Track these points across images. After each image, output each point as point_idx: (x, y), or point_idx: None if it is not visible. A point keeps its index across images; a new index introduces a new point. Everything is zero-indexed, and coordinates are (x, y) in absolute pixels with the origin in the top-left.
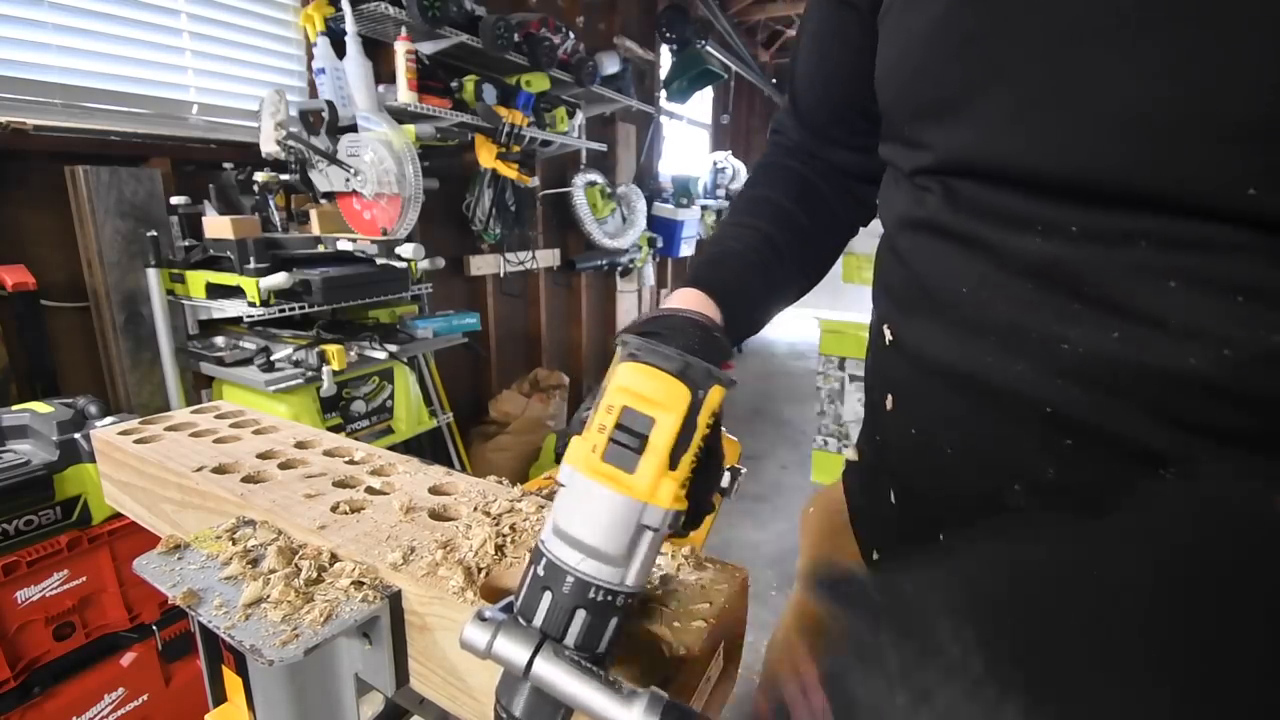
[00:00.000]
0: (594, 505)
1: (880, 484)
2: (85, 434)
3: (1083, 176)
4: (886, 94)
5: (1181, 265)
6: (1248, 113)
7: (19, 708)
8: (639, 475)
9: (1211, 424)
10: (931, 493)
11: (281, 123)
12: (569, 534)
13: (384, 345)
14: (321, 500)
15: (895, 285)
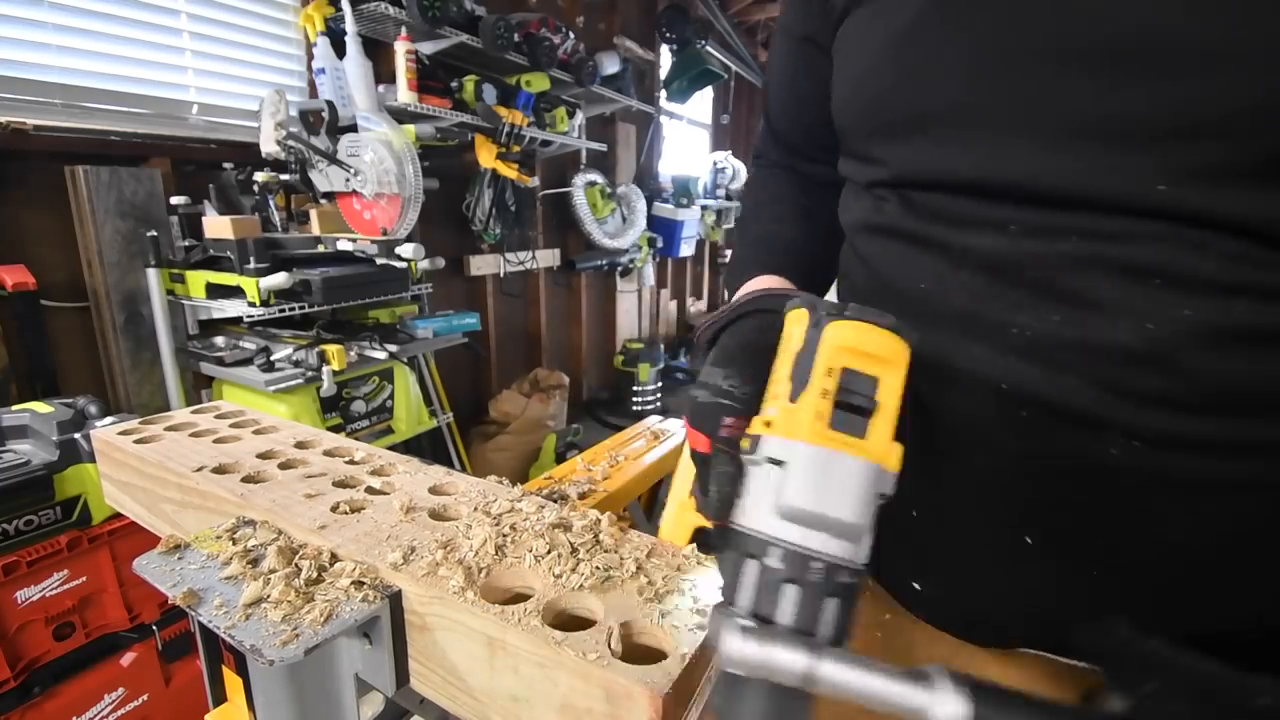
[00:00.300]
0: (837, 476)
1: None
2: (85, 434)
3: (1023, 183)
4: (844, 118)
5: (1108, 255)
6: (1155, 123)
7: (19, 708)
8: (873, 439)
9: (1139, 390)
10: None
11: (281, 123)
12: (810, 512)
13: (384, 345)
14: (322, 500)
15: (859, 285)
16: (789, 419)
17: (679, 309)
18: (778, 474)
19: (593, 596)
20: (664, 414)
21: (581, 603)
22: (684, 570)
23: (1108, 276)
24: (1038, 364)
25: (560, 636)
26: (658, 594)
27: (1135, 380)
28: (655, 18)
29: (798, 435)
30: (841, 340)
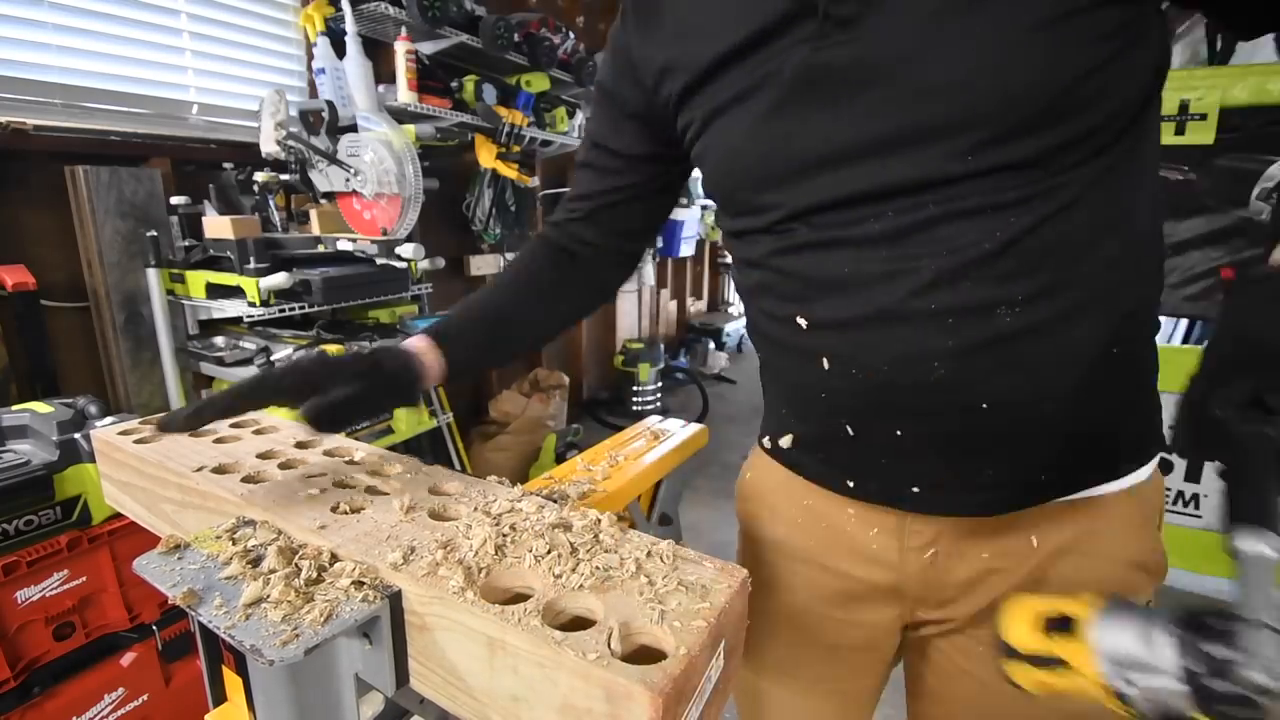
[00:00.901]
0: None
1: (835, 429)
2: (85, 434)
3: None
4: (730, 181)
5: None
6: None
7: (19, 708)
8: None
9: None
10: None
11: (281, 123)
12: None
13: None
14: (321, 500)
15: (791, 291)
16: None
17: (679, 309)
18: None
19: (593, 596)
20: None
21: (581, 603)
22: (683, 570)
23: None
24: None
25: (560, 636)
26: (658, 594)
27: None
28: None
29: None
30: None
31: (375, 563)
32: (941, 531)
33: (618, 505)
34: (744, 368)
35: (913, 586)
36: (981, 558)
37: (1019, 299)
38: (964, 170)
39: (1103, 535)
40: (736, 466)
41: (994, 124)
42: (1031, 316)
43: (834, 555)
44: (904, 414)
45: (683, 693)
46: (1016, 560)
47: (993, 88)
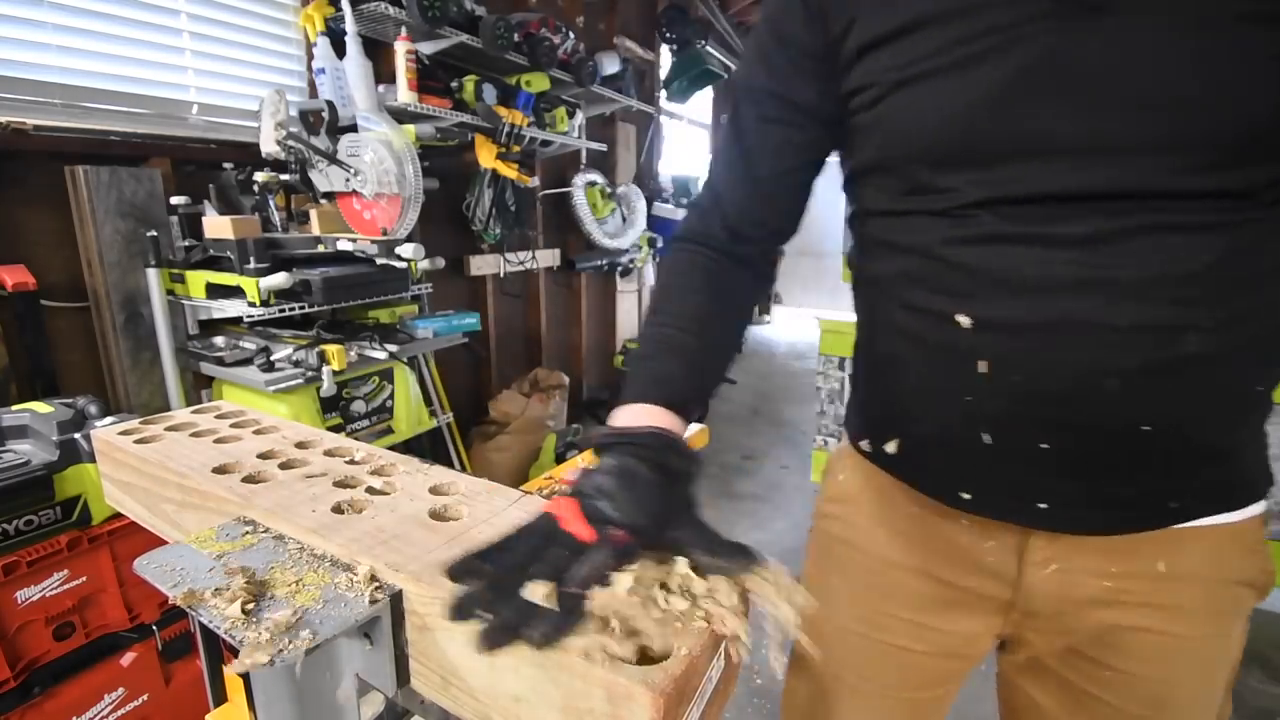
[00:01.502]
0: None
1: (969, 436)
2: (85, 434)
3: (1081, 188)
4: (910, 154)
5: (1141, 223)
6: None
7: (19, 708)
8: None
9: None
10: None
11: (281, 123)
12: None
13: (384, 345)
14: (322, 500)
15: (954, 285)
16: None
17: None
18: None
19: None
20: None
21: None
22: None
23: (1137, 243)
24: (1134, 299)
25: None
26: (658, 594)
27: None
28: (655, 18)
29: None
30: None
31: (375, 563)
32: (1066, 548)
33: None
34: (744, 368)
35: (1028, 601)
36: (1108, 575)
37: (1209, 324)
38: (1182, 187)
39: (1223, 560)
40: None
41: (1225, 147)
42: (1214, 344)
43: (941, 565)
44: (1057, 427)
45: (684, 693)
46: (1142, 584)
47: (1235, 113)
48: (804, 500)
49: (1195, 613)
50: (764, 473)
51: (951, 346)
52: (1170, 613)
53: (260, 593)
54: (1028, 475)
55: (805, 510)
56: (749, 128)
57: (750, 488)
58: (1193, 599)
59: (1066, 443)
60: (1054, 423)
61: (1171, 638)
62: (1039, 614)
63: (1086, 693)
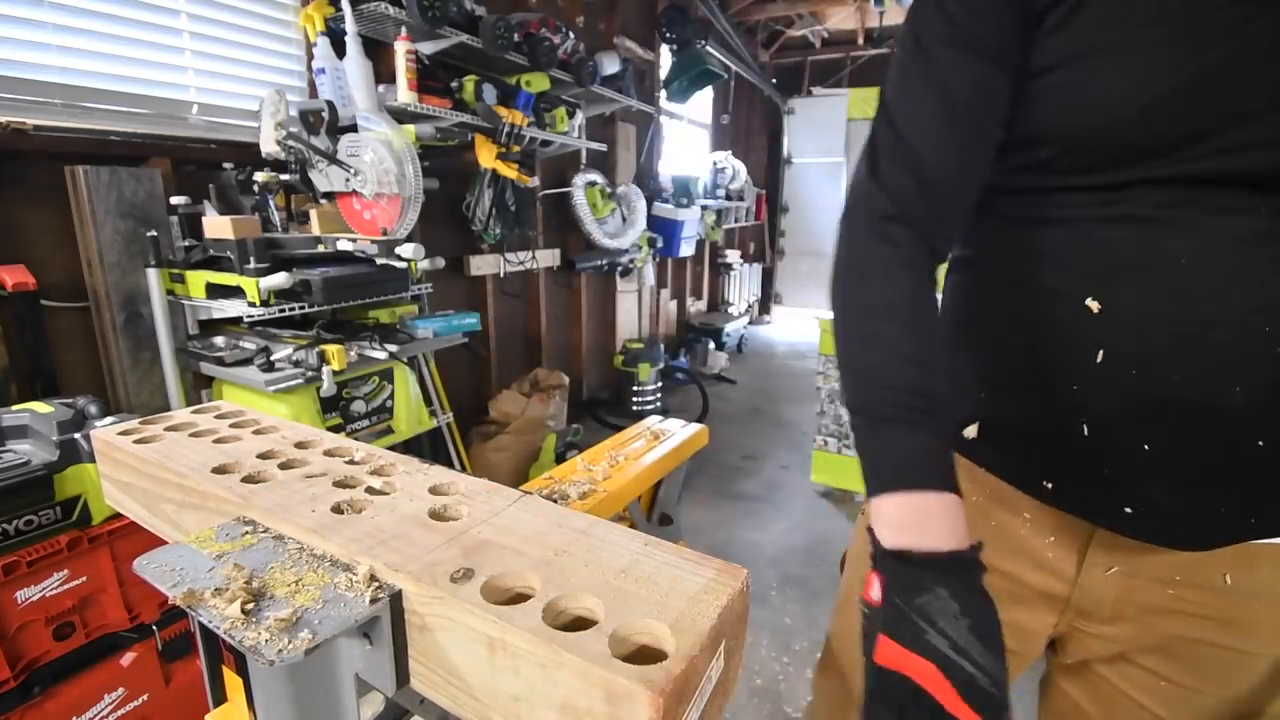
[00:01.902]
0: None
1: (1066, 424)
2: (85, 434)
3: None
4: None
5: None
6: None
7: (19, 708)
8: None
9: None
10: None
11: (281, 123)
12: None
13: (384, 345)
14: (322, 500)
15: (1088, 267)
16: None
17: (679, 309)
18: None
19: (593, 596)
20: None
21: (582, 603)
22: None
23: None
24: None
25: (561, 636)
26: (659, 594)
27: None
28: (655, 18)
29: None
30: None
31: (375, 563)
32: (1130, 551)
33: (618, 505)
34: (744, 368)
35: (1084, 600)
36: (1171, 583)
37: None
38: None
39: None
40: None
41: None
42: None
43: (999, 554)
44: (1167, 431)
45: (683, 693)
46: (1205, 595)
47: None
48: (804, 500)
49: (1266, 631)
50: (764, 473)
51: (1069, 330)
52: (1238, 628)
53: (260, 593)
54: (1121, 475)
55: (805, 510)
56: (962, 78)
57: (750, 488)
58: (1262, 615)
59: (1175, 446)
60: (1164, 426)
61: (1236, 654)
62: (1094, 616)
63: (1136, 702)
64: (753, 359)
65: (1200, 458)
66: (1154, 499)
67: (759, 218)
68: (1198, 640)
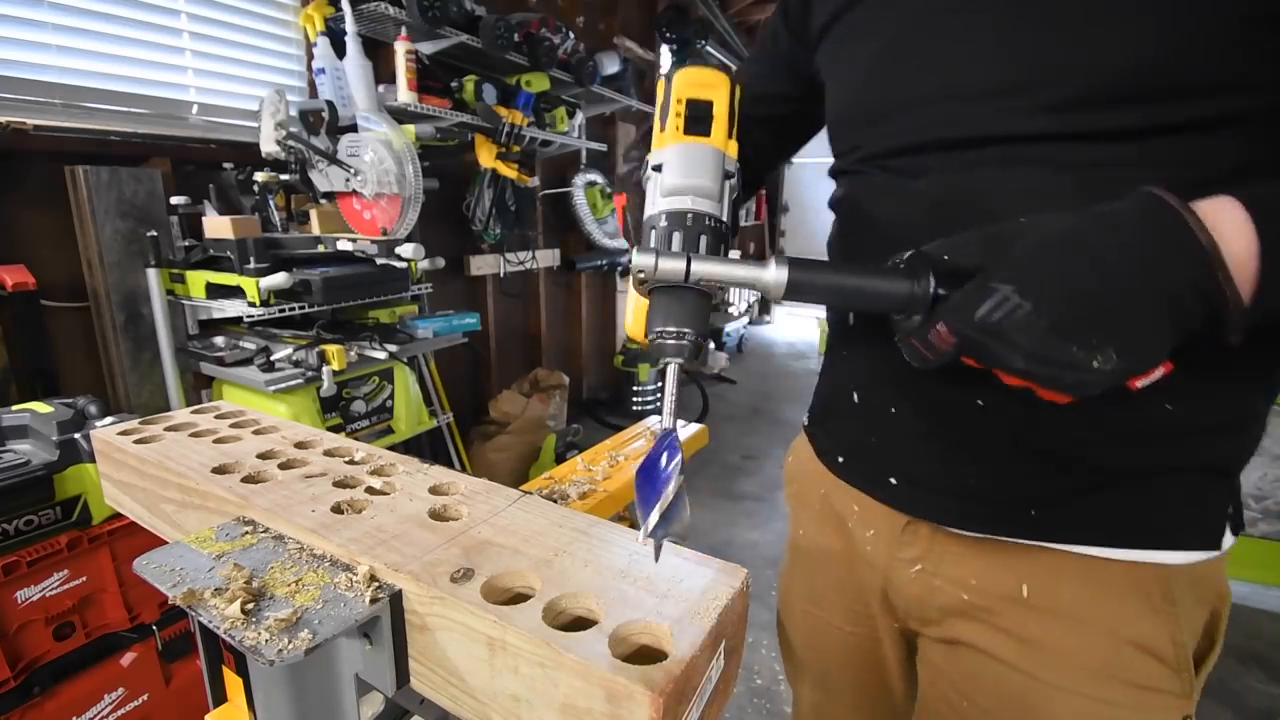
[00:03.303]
0: (692, 157)
1: (840, 393)
2: (85, 434)
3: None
4: (842, 114)
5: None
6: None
7: (19, 708)
8: (714, 134)
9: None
10: (886, 371)
11: (281, 123)
12: (680, 185)
13: (384, 345)
14: (322, 500)
15: (848, 238)
16: (659, 139)
17: None
18: (658, 175)
19: (593, 597)
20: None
21: (582, 603)
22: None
23: (1012, 195)
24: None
25: (561, 636)
26: (659, 594)
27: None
28: (655, 18)
29: (666, 143)
30: (683, 81)
31: (375, 563)
32: (935, 550)
33: (618, 505)
34: (744, 368)
35: (896, 598)
36: (967, 586)
37: None
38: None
39: (1110, 608)
40: (736, 466)
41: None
42: None
43: (842, 550)
44: (904, 393)
45: (683, 693)
46: (1003, 605)
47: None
48: None
49: (1069, 662)
50: (764, 472)
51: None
52: (1036, 651)
53: (260, 593)
54: (881, 443)
55: None
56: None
57: (750, 487)
58: (1066, 642)
59: (912, 411)
60: (903, 386)
61: (1035, 682)
62: (912, 614)
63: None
64: (752, 359)
65: (938, 420)
66: (910, 468)
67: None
68: (994, 657)
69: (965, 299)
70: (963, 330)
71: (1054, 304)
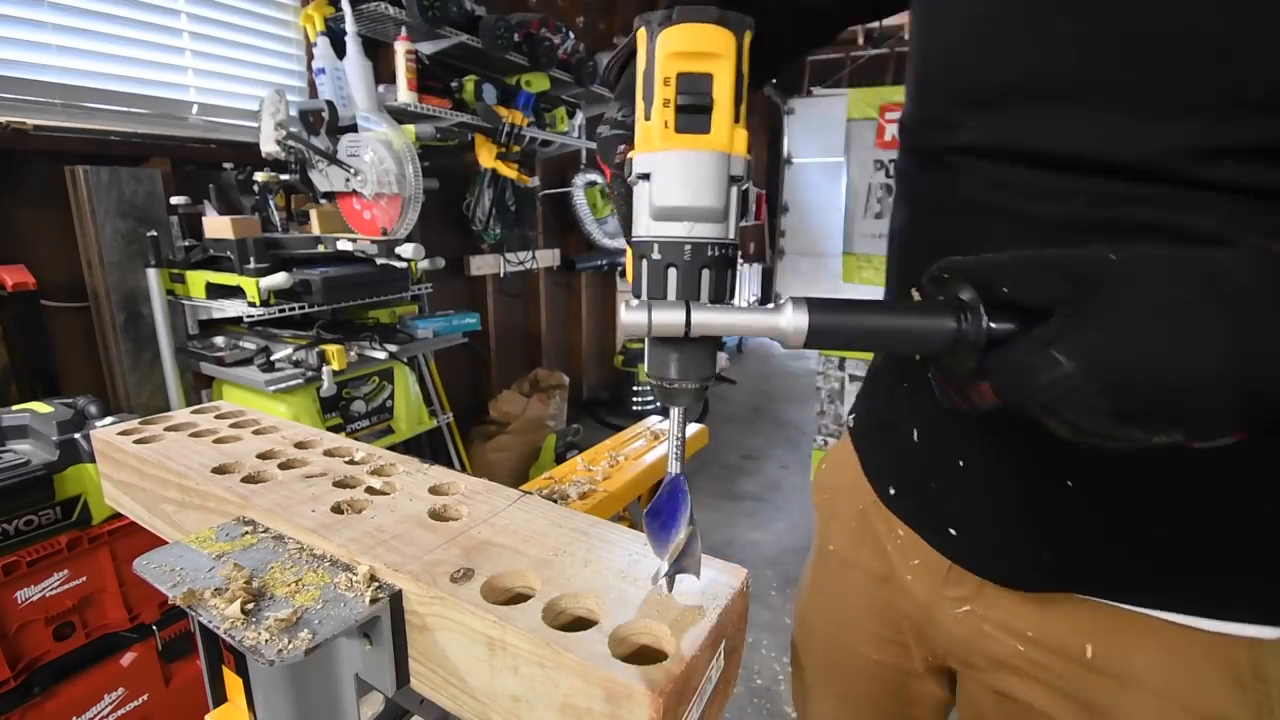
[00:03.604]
0: (689, 169)
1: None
2: (85, 434)
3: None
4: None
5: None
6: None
7: (19, 708)
8: (716, 131)
9: None
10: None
11: (281, 123)
12: (672, 207)
13: (384, 345)
14: (322, 500)
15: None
16: (644, 135)
17: None
18: (646, 185)
19: (593, 597)
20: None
21: (582, 603)
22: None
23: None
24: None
25: (560, 636)
26: (658, 593)
27: None
28: None
29: (652, 147)
30: (671, 47)
31: (375, 563)
32: (983, 590)
33: (618, 505)
34: (744, 368)
35: (938, 637)
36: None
37: None
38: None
39: (1190, 679)
40: (736, 466)
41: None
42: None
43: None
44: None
45: (683, 693)
46: (1063, 664)
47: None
48: (804, 500)
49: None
50: (764, 473)
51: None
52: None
53: (260, 593)
54: (944, 491)
55: (805, 510)
56: None
57: (750, 488)
58: (1136, 715)
59: (987, 472)
60: (976, 441)
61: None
62: (948, 654)
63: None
64: (753, 359)
65: (1010, 487)
66: (976, 527)
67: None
68: (1048, 717)
69: (1023, 366)
70: (1012, 396)
71: (1126, 394)
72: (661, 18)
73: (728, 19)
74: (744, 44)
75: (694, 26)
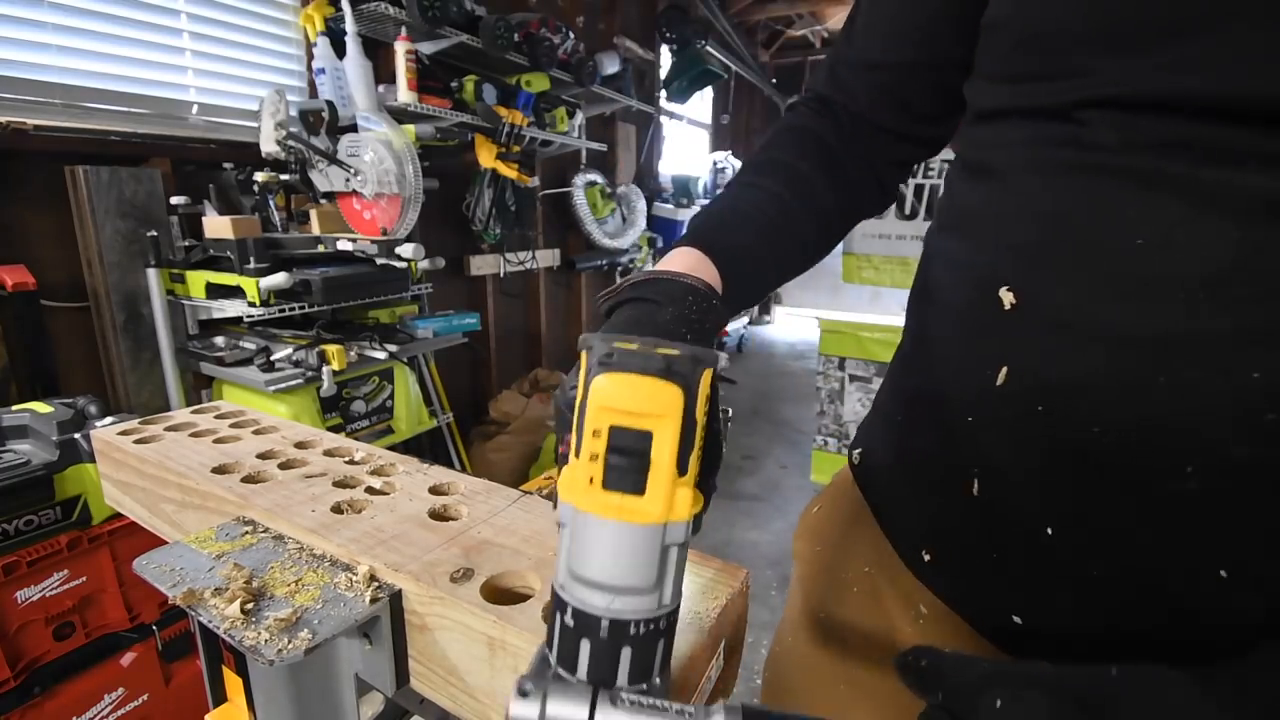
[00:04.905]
0: (609, 543)
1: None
2: (85, 434)
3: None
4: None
5: None
6: None
7: (19, 708)
8: (651, 496)
9: None
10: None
11: (281, 123)
12: (588, 578)
13: (384, 345)
14: (322, 500)
15: (1022, 243)
16: (568, 479)
17: None
18: (566, 534)
19: None
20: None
21: None
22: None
23: None
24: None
25: None
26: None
27: None
28: (655, 18)
29: (572, 500)
30: (604, 400)
31: (375, 563)
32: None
33: None
34: (744, 368)
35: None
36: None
37: None
38: None
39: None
40: (736, 466)
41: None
42: None
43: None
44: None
45: (683, 692)
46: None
47: None
48: (803, 500)
49: None
50: (764, 473)
51: (973, 336)
52: None
53: (260, 593)
54: (1013, 563)
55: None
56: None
57: (750, 488)
58: None
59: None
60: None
61: None
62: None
63: None
64: (753, 359)
65: (1127, 565)
66: (1055, 611)
67: None
68: None
69: None
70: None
71: None
72: (601, 354)
73: (678, 368)
74: (699, 392)
75: (633, 380)
